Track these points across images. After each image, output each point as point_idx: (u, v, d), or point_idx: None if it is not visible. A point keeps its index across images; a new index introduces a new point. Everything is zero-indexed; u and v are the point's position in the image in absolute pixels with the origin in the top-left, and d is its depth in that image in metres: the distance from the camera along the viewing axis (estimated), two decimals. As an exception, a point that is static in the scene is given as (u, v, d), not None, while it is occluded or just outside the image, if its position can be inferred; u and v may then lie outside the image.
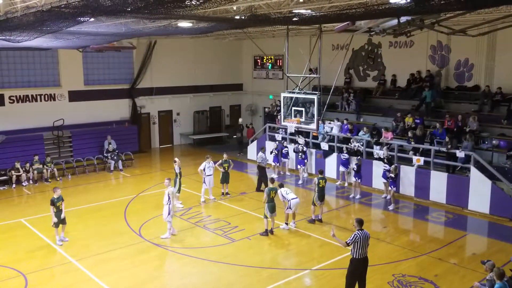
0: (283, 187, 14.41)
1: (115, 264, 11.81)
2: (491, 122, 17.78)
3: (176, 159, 16.73)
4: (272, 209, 13.62)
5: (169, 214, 13.22)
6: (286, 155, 20.79)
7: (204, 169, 16.71)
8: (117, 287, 10.60)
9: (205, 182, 16.81)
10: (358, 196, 17.43)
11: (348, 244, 9.41)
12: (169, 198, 13.17)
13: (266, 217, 13.66)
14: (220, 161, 17.63)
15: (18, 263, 11.87)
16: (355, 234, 9.39)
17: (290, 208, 13.94)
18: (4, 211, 16.48)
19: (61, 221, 13.07)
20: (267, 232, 13.63)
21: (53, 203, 12.96)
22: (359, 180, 17.53)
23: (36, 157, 20.17)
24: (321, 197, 14.76)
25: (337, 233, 13.68)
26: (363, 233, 9.43)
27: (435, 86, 19.66)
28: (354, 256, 9.47)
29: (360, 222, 9.58)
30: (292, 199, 13.94)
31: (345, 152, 18.81)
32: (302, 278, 11.23)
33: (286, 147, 20.89)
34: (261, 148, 19.03)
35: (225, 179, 17.52)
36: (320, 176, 15.06)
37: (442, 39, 20.02)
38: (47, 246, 13.04)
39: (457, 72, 20.13)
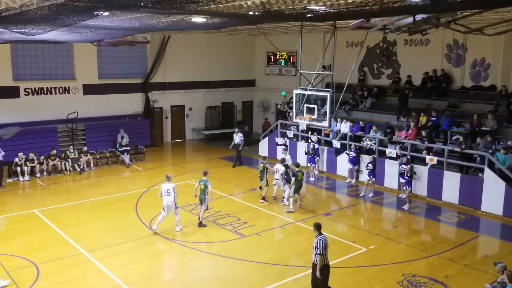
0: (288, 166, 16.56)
1: (126, 257, 11.91)
2: (507, 123, 17.51)
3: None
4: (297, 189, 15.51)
5: (176, 207, 13.52)
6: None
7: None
8: (127, 279, 10.68)
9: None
10: (370, 195, 17.31)
11: (322, 254, 9.04)
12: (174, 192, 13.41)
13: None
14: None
15: (31, 253, 12.02)
16: (321, 240, 9.06)
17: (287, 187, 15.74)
18: (18, 202, 16.78)
19: None
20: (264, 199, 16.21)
21: None
22: (374, 179, 17.38)
23: (54, 151, 20.43)
24: (298, 189, 15.75)
25: (345, 232, 13.85)
26: (325, 237, 9.22)
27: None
28: (326, 262, 9.20)
29: (318, 227, 9.29)
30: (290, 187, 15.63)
31: (352, 150, 18.72)
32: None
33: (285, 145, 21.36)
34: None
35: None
36: (297, 169, 15.78)
37: (458, 38, 19.75)
38: (59, 237, 13.18)
39: (473, 71, 19.88)
